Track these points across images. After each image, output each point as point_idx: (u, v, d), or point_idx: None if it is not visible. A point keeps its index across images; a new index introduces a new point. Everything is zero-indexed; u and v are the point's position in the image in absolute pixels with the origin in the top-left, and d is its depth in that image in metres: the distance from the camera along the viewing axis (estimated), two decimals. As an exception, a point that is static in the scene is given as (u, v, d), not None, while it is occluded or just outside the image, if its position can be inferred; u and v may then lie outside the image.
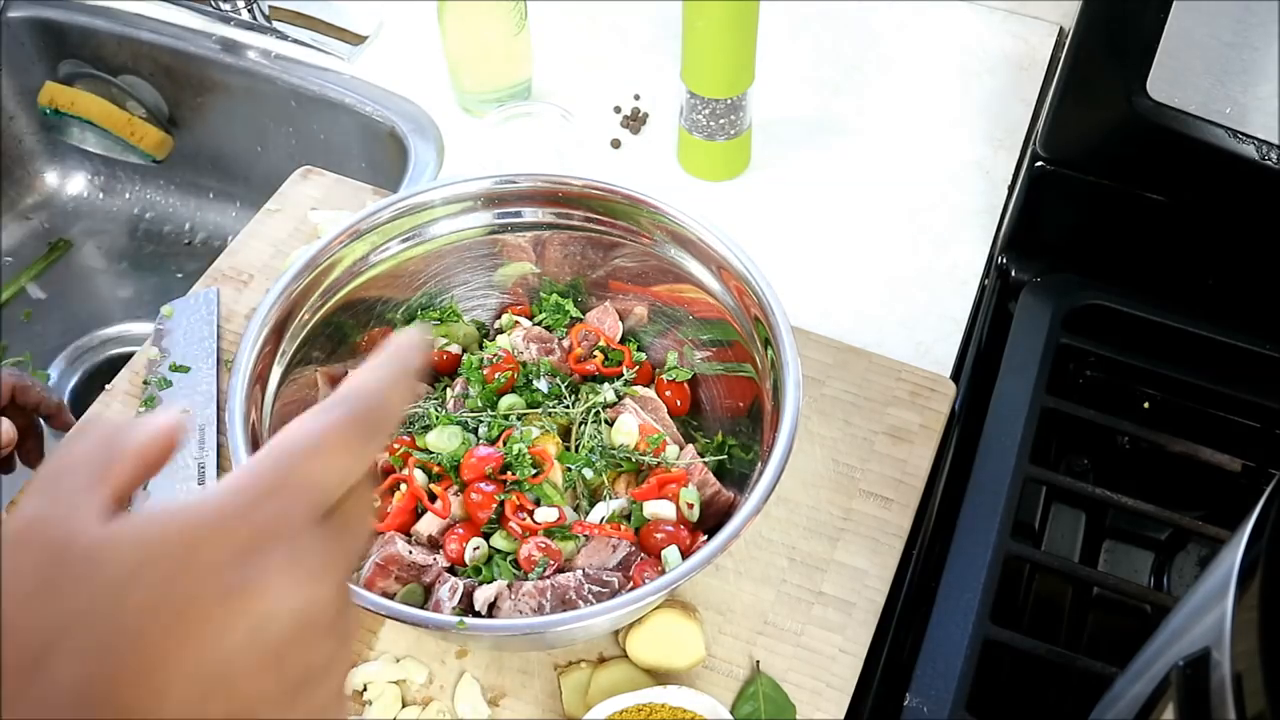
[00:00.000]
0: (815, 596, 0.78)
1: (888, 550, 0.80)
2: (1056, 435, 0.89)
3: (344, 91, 1.12)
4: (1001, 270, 0.96)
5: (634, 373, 0.83)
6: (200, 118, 1.22)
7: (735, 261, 0.75)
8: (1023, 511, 0.82)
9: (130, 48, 1.18)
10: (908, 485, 0.83)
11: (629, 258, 0.82)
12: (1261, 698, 0.38)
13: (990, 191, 1.03)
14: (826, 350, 0.89)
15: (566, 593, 0.71)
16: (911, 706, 0.72)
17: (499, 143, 0.97)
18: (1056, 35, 1.15)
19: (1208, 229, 0.90)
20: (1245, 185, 0.84)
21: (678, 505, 0.76)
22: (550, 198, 0.80)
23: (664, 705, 0.71)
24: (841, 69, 1.12)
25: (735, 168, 1.03)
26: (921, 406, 0.86)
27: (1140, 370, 0.90)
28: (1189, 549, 0.86)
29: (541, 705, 0.74)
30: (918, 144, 1.06)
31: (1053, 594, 0.83)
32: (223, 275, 0.95)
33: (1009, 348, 0.89)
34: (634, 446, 0.78)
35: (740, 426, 0.79)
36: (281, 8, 1.17)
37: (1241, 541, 0.44)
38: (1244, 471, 0.86)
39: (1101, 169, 0.91)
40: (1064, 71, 0.87)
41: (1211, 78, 0.80)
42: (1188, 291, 0.91)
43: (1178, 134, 0.83)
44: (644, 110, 1.08)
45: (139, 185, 1.31)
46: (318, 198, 1.00)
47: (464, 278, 0.84)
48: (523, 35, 1.04)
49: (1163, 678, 0.47)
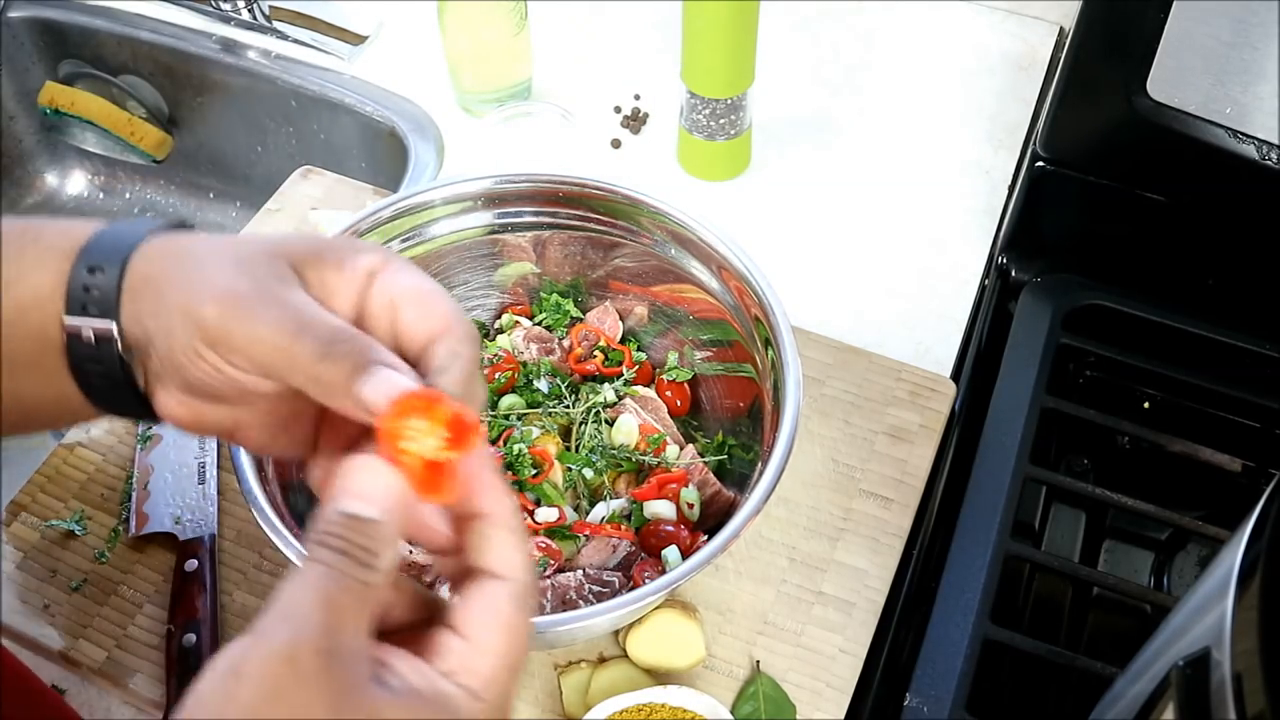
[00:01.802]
0: (815, 596, 0.78)
1: (888, 550, 0.80)
2: (1056, 435, 0.89)
3: (344, 91, 1.12)
4: (1001, 270, 0.96)
5: (634, 373, 0.83)
6: (200, 118, 1.22)
7: (735, 261, 0.75)
8: (1023, 511, 0.82)
9: (130, 48, 1.18)
10: (908, 485, 0.83)
11: (629, 258, 0.82)
12: (1261, 698, 0.38)
13: (990, 191, 1.03)
14: (826, 350, 0.89)
15: (566, 593, 0.71)
16: (911, 706, 0.72)
17: (499, 143, 0.97)
18: (1056, 35, 1.15)
19: (1208, 229, 0.90)
20: (1245, 185, 0.84)
21: (678, 505, 0.76)
22: (550, 198, 0.80)
23: (664, 705, 0.71)
24: (841, 69, 1.12)
25: (735, 168, 1.03)
26: (921, 406, 0.86)
27: (1140, 370, 0.89)
28: (1189, 549, 0.86)
29: (541, 705, 0.74)
30: (918, 144, 1.06)
31: (1053, 594, 0.83)
32: (223, 275, 0.95)
33: (1009, 348, 0.89)
34: (634, 446, 0.78)
35: (740, 426, 0.79)
36: (281, 8, 1.17)
37: (1241, 541, 0.44)
38: (1244, 471, 0.86)
39: (1101, 169, 0.91)
40: (1064, 71, 0.87)
41: (1211, 78, 0.80)
42: (1188, 291, 0.91)
43: (1178, 134, 0.83)
44: (644, 110, 1.08)
45: (139, 185, 1.31)
46: (318, 198, 1.00)
47: (464, 278, 0.84)
48: (523, 35, 1.04)
49: (1163, 678, 0.47)
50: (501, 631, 0.38)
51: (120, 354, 0.44)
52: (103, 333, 0.43)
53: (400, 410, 0.39)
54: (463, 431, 0.39)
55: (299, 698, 0.34)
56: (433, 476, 0.39)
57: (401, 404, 0.39)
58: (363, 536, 0.37)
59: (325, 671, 0.34)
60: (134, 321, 0.43)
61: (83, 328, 0.43)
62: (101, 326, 0.43)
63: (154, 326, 0.43)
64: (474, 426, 0.39)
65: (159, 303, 0.43)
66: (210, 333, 0.41)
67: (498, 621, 0.39)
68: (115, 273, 0.43)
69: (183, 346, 0.42)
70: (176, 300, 0.42)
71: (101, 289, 0.43)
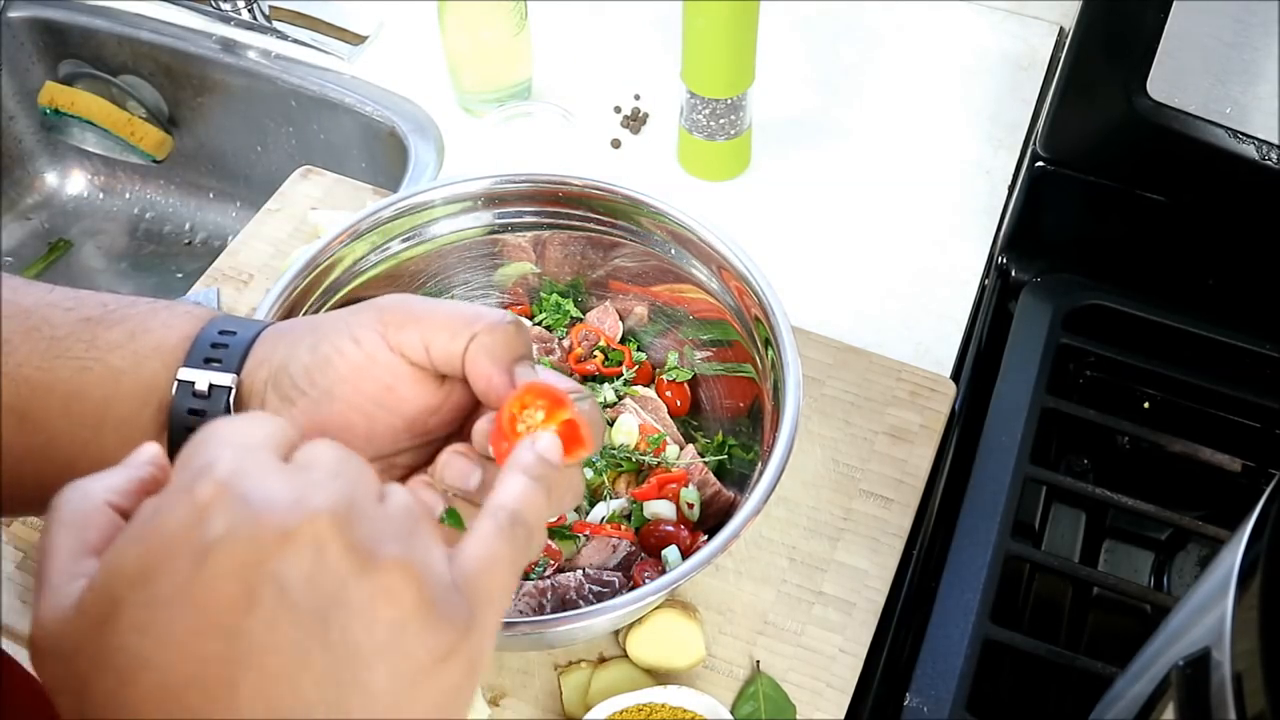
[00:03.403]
0: (815, 596, 0.78)
1: (888, 550, 0.80)
2: (1056, 435, 0.89)
3: (344, 91, 1.12)
4: (1001, 270, 0.96)
5: (634, 373, 0.83)
6: (200, 118, 1.22)
7: (735, 261, 0.75)
8: (1023, 511, 0.82)
9: (130, 48, 1.18)
10: (908, 485, 0.83)
11: (629, 258, 0.82)
12: (1261, 698, 0.38)
13: (990, 191, 1.03)
14: (826, 350, 0.89)
15: (566, 593, 0.71)
16: (911, 706, 0.72)
17: (499, 143, 0.97)
18: (1056, 35, 1.15)
19: (1208, 229, 0.90)
20: (1245, 185, 0.84)
21: (678, 505, 0.76)
22: (550, 198, 0.80)
23: (664, 705, 0.71)
24: (841, 69, 1.12)
25: (735, 168, 1.03)
26: (921, 406, 0.86)
27: (1140, 370, 0.89)
28: (1189, 549, 0.86)
29: (541, 705, 0.74)
30: (918, 144, 1.06)
31: (1053, 594, 0.83)
32: (223, 275, 0.95)
33: (1009, 348, 0.89)
34: (634, 446, 0.78)
35: (740, 426, 0.79)
36: (281, 8, 1.17)
37: (1241, 541, 0.44)
38: (1244, 471, 0.86)
39: (1101, 169, 0.91)
40: (1064, 71, 0.87)
41: (1211, 78, 0.80)
42: (1188, 291, 0.91)
43: (1178, 134, 0.83)
44: (644, 110, 1.08)
45: (139, 185, 1.31)
46: (318, 198, 1.00)
47: (464, 278, 0.84)
48: (523, 35, 1.04)
49: (1163, 678, 0.47)
50: (476, 540, 0.38)
51: (229, 404, 0.46)
52: (219, 385, 0.46)
53: (528, 396, 0.42)
54: (571, 439, 0.42)
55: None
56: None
57: (533, 389, 0.42)
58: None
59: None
60: (259, 364, 0.46)
61: (198, 380, 0.46)
62: (220, 379, 0.46)
63: (288, 352, 0.46)
64: (583, 441, 0.42)
65: (304, 329, 0.46)
66: (390, 313, 0.45)
67: (476, 535, 0.38)
68: (248, 336, 0.47)
69: (335, 346, 0.45)
70: (335, 316, 0.46)
71: (231, 346, 0.46)
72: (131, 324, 0.47)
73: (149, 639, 0.31)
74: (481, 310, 0.45)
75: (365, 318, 0.46)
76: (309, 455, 0.35)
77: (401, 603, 0.33)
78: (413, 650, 0.33)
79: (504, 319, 0.45)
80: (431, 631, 0.34)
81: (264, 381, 0.46)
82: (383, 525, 0.34)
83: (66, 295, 0.49)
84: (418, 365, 0.45)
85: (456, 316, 0.45)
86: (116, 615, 0.32)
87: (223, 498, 0.32)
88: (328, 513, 0.33)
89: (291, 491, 0.33)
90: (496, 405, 0.43)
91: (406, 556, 0.34)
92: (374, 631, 0.33)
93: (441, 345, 0.45)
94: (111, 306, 0.48)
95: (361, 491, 0.35)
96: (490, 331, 0.44)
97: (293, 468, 0.35)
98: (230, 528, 0.32)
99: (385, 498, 0.36)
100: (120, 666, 0.31)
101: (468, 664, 0.35)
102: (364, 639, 0.33)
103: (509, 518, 0.38)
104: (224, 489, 0.33)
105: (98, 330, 0.47)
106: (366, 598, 0.33)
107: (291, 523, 0.32)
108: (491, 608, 0.36)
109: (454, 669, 0.34)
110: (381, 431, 0.46)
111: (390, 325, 0.45)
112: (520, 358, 0.45)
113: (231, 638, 0.31)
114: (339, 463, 0.35)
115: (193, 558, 0.32)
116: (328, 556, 0.32)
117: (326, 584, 0.32)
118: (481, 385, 0.45)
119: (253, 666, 0.31)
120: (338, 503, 0.33)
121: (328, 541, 0.32)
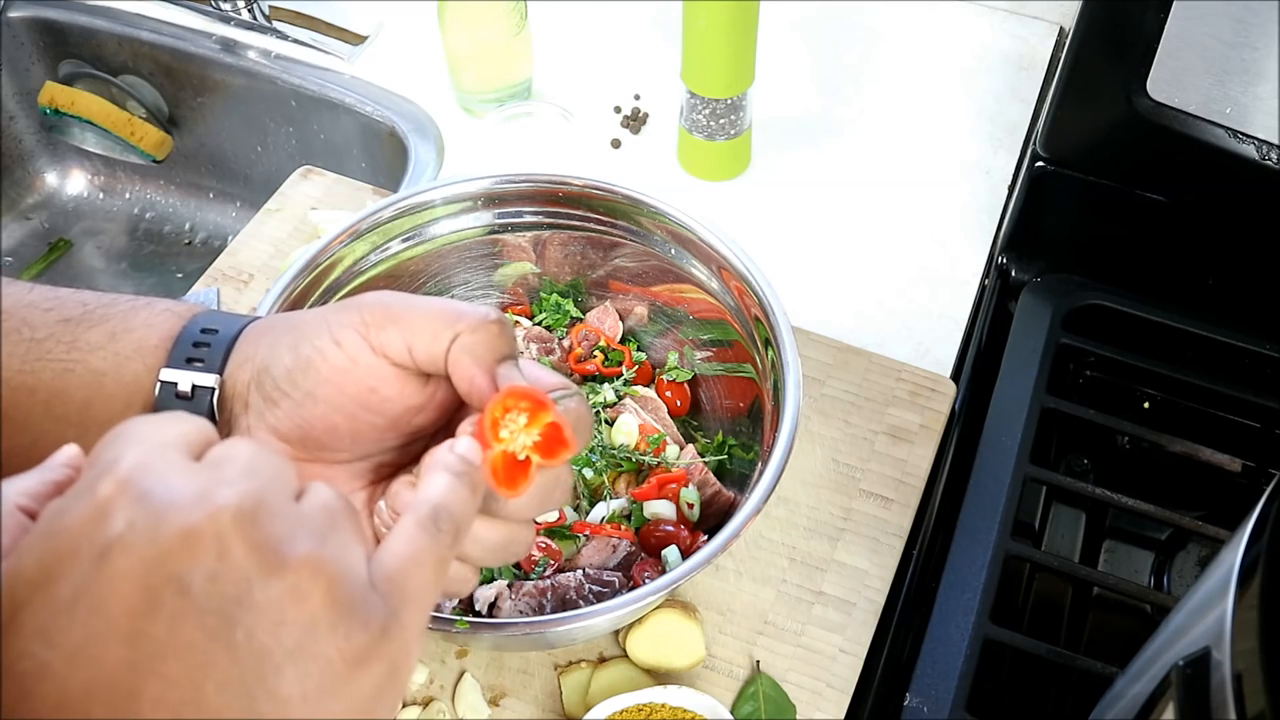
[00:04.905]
0: (815, 596, 0.78)
1: (888, 550, 0.80)
2: (1056, 435, 0.89)
3: (344, 91, 1.12)
4: (1001, 270, 0.96)
5: (634, 373, 0.83)
6: (200, 118, 1.22)
7: (735, 261, 0.75)
8: (1023, 511, 0.82)
9: (130, 48, 1.18)
10: (908, 485, 0.83)
11: (629, 258, 0.82)
12: (1261, 698, 0.38)
13: (990, 191, 1.03)
14: (826, 350, 0.89)
15: (566, 593, 0.71)
16: (911, 706, 0.72)
17: (499, 143, 0.97)
18: (1056, 35, 1.15)
19: (1208, 229, 0.90)
20: (1245, 185, 0.84)
21: (678, 505, 0.76)
22: (550, 198, 0.80)
23: (664, 705, 0.71)
24: (841, 69, 1.12)
25: (735, 168, 1.03)
26: (921, 406, 0.86)
27: (1140, 370, 0.89)
28: (1189, 549, 0.86)
29: (541, 705, 0.74)
30: (918, 144, 1.06)
31: (1053, 594, 0.83)
32: (223, 275, 0.95)
33: (1009, 348, 0.89)
34: (634, 446, 0.78)
35: (740, 426, 0.79)
36: (281, 8, 1.17)
37: (1241, 541, 0.44)
38: (1244, 471, 0.86)
39: (1101, 169, 0.91)
40: (1064, 71, 0.87)
41: (1211, 78, 0.80)
42: (1188, 291, 0.91)
43: (1178, 134, 0.83)
44: (644, 110, 1.08)
45: (139, 185, 1.31)
46: (318, 198, 1.00)
47: (464, 278, 0.84)
48: (523, 35, 1.04)
49: (1163, 678, 0.47)
50: (396, 539, 0.37)
51: (212, 405, 0.45)
52: (202, 386, 0.45)
53: (510, 400, 0.41)
54: (554, 442, 0.41)
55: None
56: (509, 470, 0.41)
57: (514, 393, 0.41)
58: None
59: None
60: (241, 364, 0.45)
61: (180, 380, 0.45)
62: (202, 380, 0.45)
63: (269, 352, 0.45)
64: (566, 443, 0.41)
65: (285, 328, 0.45)
66: (371, 312, 0.44)
67: (396, 533, 0.37)
68: (230, 333, 0.46)
69: (316, 347, 0.44)
70: (316, 314, 0.45)
71: (213, 344, 0.46)
72: (112, 324, 0.47)
73: (49, 645, 0.30)
74: (463, 308, 0.44)
75: (346, 318, 0.44)
76: (221, 453, 0.34)
77: (310, 603, 0.32)
78: (324, 652, 0.32)
79: (486, 317, 0.44)
80: (344, 633, 0.32)
81: (246, 383, 0.45)
82: (295, 523, 0.33)
83: (45, 295, 0.48)
84: (401, 366, 0.44)
85: (438, 316, 0.44)
86: (18, 620, 0.30)
87: (124, 495, 0.31)
88: (232, 509, 0.31)
89: (195, 488, 0.32)
90: (481, 406, 0.43)
91: (317, 555, 0.32)
92: (282, 634, 0.31)
93: (424, 346, 0.44)
94: (91, 306, 0.47)
95: (274, 489, 0.33)
96: (473, 331, 0.43)
97: (201, 465, 0.33)
98: (130, 526, 0.31)
99: (304, 495, 0.35)
100: (21, 674, 0.30)
101: (388, 666, 0.34)
102: (271, 642, 0.31)
103: (430, 513, 0.37)
104: (125, 486, 0.31)
105: (78, 331, 0.46)
106: (273, 598, 0.31)
107: (193, 520, 0.31)
108: (413, 607, 0.35)
109: (372, 672, 0.33)
110: (366, 432, 0.45)
111: (372, 326, 0.44)
112: (504, 357, 0.44)
113: (132, 642, 0.30)
114: (251, 460, 0.34)
115: (93, 558, 0.30)
116: (231, 555, 0.31)
117: (231, 584, 0.31)
118: (465, 387, 0.44)
119: (154, 673, 0.30)
120: (243, 500, 0.32)
121: (231, 540, 0.31)
